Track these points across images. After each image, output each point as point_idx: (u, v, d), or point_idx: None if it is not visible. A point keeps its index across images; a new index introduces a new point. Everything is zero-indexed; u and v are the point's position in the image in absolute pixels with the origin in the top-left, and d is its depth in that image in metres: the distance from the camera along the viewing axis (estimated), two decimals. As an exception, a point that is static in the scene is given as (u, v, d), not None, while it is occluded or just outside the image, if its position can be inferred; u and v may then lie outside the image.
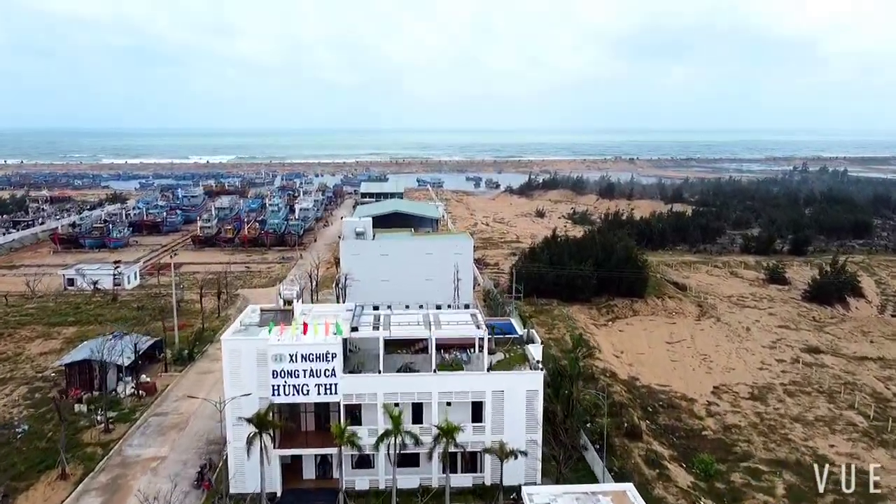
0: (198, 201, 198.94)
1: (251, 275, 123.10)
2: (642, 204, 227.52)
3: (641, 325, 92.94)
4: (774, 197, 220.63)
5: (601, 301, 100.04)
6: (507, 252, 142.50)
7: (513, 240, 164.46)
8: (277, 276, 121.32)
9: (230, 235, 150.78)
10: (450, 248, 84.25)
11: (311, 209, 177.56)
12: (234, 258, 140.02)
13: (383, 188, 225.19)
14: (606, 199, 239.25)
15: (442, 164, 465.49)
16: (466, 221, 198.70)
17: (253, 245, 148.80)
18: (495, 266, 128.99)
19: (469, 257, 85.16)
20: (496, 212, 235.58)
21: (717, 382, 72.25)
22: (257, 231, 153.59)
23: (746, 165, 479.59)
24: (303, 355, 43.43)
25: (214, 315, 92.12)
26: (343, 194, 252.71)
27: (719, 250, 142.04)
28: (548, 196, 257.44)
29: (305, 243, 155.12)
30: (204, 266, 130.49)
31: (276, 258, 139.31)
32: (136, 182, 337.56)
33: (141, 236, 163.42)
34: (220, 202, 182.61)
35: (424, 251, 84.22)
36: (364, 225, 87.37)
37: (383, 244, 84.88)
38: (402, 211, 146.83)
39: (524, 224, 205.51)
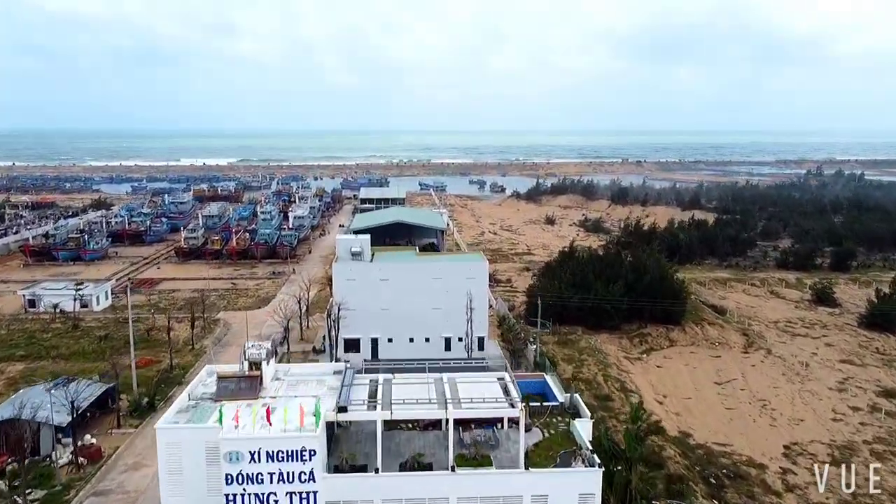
0: (186, 207, 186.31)
1: (237, 293, 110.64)
2: (658, 210, 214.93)
3: (681, 358, 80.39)
4: (799, 203, 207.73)
5: (632, 329, 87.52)
6: (519, 266, 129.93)
7: (524, 251, 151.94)
8: (266, 295, 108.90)
9: (217, 247, 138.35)
10: (461, 272, 71.78)
11: (307, 217, 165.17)
12: (220, 272, 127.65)
13: (384, 193, 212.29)
14: (619, 205, 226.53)
15: (444, 166, 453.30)
16: (472, 230, 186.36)
17: (242, 258, 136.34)
18: (507, 283, 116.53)
19: (484, 282, 72.70)
20: (503, 218, 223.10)
21: (786, 439, 59.71)
22: (247, 242, 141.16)
23: (757, 168, 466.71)
24: (269, 453, 31.17)
25: (188, 347, 79.64)
26: (342, 199, 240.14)
27: (752, 265, 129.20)
28: (557, 201, 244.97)
29: (299, 255, 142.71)
30: (186, 283, 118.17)
31: (266, 273, 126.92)
32: (129, 185, 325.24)
33: (122, 247, 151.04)
34: (209, 209, 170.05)
35: (432, 275, 71.76)
36: (361, 243, 74.90)
37: (383, 267, 72.42)
38: (404, 221, 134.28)
39: (534, 232, 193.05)
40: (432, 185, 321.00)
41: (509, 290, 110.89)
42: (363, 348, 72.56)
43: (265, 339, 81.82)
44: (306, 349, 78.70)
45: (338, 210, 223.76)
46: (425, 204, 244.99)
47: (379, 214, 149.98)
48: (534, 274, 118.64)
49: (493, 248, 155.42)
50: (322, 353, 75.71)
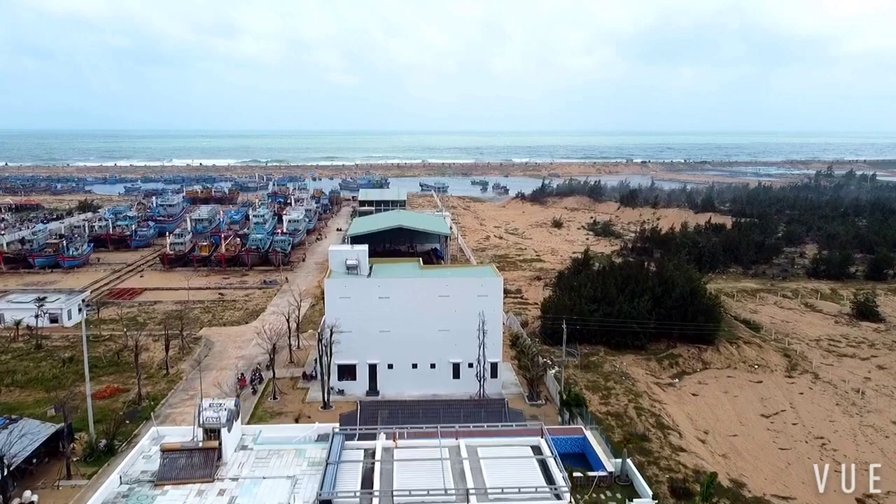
0: (176, 210, 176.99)
1: (223, 306, 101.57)
2: (669, 213, 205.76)
3: (718, 384, 71.36)
4: (817, 206, 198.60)
5: (661, 350, 78.45)
6: (529, 275, 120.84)
7: (532, 257, 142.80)
8: (255, 308, 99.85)
9: (205, 253, 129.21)
10: (472, 289, 62.74)
11: (302, 220, 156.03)
12: (207, 281, 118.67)
13: (384, 195, 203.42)
14: (629, 208, 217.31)
15: (446, 167, 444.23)
16: (476, 234, 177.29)
17: (232, 265, 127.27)
18: (517, 294, 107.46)
19: (498, 301, 63.60)
20: (508, 221, 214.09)
21: (856, 490, 50.64)
22: (237, 248, 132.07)
23: (764, 169, 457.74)
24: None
25: (161, 372, 70.57)
26: (340, 201, 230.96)
27: (780, 274, 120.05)
28: (563, 203, 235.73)
29: (294, 262, 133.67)
30: (170, 293, 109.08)
31: (257, 282, 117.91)
32: (122, 187, 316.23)
33: (106, 252, 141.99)
34: (198, 212, 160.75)
35: (438, 292, 62.71)
36: (357, 255, 65.88)
37: (383, 283, 63.33)
38: (406, 226, 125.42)
39: (541, 236, 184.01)
40: (433, 186, 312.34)
41: (520, 303, 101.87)
42: (360, 376, 63.59)
43: (250, 363, 73.00)
44: (295, 375, 69.66)
45: (336, 212, 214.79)
46: (427, 206, 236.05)
47: (379, 218, 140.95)
48: (546, 284, 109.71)
49: (499, 253, 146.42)
50: (313, 380, 66.73)
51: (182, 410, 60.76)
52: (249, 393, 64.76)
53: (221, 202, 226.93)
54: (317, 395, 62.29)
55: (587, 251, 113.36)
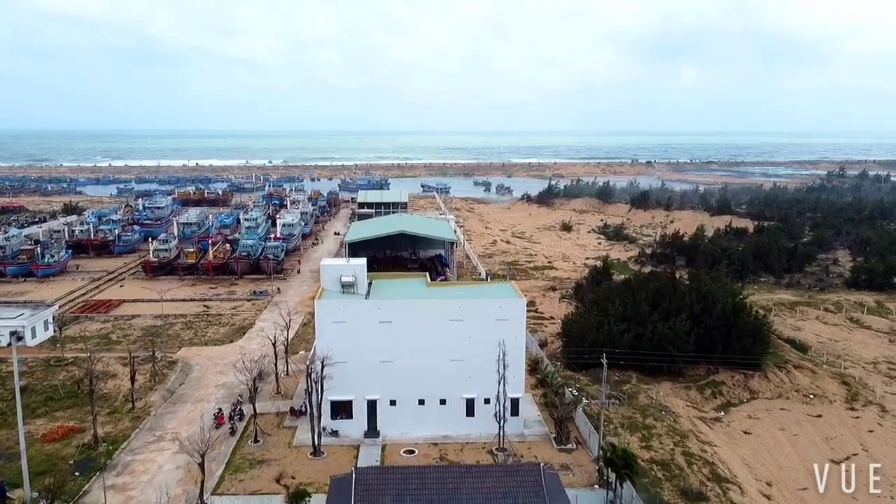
0: (164, 213, 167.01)
1: (207, 320, 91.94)
2: (683, 215, 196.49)
3: (772, 419, 61.78)
4: (840, 208, 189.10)
5: (700, 376, 68.89)
6: (542, 285, 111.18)
7: (544, 264, 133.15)
8: (243, 323, 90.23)
9: (191, 260, 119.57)
10: (490, 312, 53.13)
11: (298, 224, 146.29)
12: (192, 291, 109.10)
13: (384, 197, 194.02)
14: (640, 210, 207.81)
15: (447, 167, 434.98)
16: (482, 238, 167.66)
17: (220, 273, 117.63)
18: (531, 307, 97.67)
19: (520, 326, 53.91)
20: (514, 224, 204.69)
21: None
22: (226, 255, 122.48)
23: (773, 169, 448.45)
24: None
25: (126, 406, 60.88)
26: (339, 203, 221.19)
27: (816, 284, 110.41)
28: (571, 205, 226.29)
29: (288, 269, 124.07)
30: (150, 306, 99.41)
31: (246, 292, 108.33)
32: (115, 187, 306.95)
33: (87, 259, 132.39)
34: (186, 216, 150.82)
35: (450, 316, 53.08)
36: (354, 271, 56.25)
37: (385, 305, 53.63)
38: (409, 231, 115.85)
39: (550, 240, 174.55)
40: (435, 187, 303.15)
41: (535, 317, 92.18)
42: (356, 413, 53.91)
43: (230, 393, 63.14)
44: (282, 410, 59.94)
45: (334, 214, 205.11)
46: (429, 208, 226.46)
47: (379, 223, 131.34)
48: (562, 296, 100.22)
49: (507, 260, 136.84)
50: (303, 416, 57.09)
51: (145, 458, 51.12)
52: (227, 433, 55.16)
53: (215, 204, 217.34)
54: (306, 438, 52.67)
55: (606, 259, 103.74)
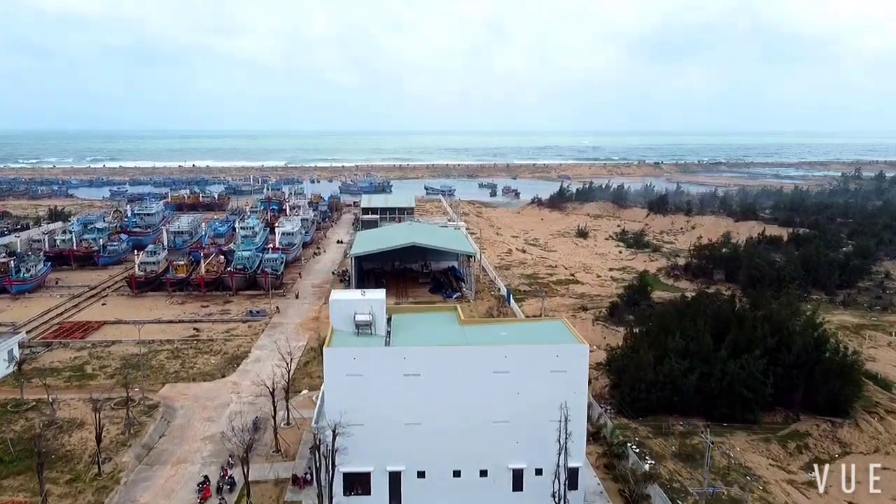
0: (155, 220, 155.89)
1: (197, 346, 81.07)
2: (705, 221, 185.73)
3: (885, 485, 50.70)
4: (873, 214, 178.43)
5: (778, 425, 58.09)
6: (570, 303, 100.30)
7: (566, 277, 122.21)
8: (237, 351, 79.35)
9: (182, 274, 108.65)
10: (543, 362, 42.36)
11: (298, 233, 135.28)
12: (182, 311, 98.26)
13: (389, 202, 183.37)
14: (659, 215, 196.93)
15: (450, 168, 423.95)
16: (495, 246, 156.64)
17: (213, 289, 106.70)
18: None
19: (582, 379, 43.08)
20: (526, 230, 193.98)
21: None
22: (220, 268, 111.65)
23: (783, 170, 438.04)
24: None
25: (92, 471, 49.92)
26: (340, 208, 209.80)
27: (876, 302, 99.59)
28: (585, 210, 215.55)
29: (288, 283, 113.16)
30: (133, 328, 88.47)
31: (242, 311, 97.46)
32: (108, 190, 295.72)
33: (69, 271, 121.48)
34: (177, 224, 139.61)
35: (492, 366, 42.31)
36: (370, 308, 45.46)
37: (412, 354, 42.70)
38: (421, 244, 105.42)
39: (566, 248, 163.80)
40: (440, 190, 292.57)
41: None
42: (376, 488, 43.06)
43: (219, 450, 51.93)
44: (282, 476, 48.89)
45: (336, 220, 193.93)
46: (435, 212, 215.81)
47: (387, 233, 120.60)
48: (596, 318, 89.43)
49: (526, 272, 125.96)
50: (308, 486, 46.28)
51: (108, 550, 40.31)
52: (214, 509, 44.40)
53: (210, 209, 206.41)
54: (312, 519, 41.85)
55: (644, 276, 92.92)
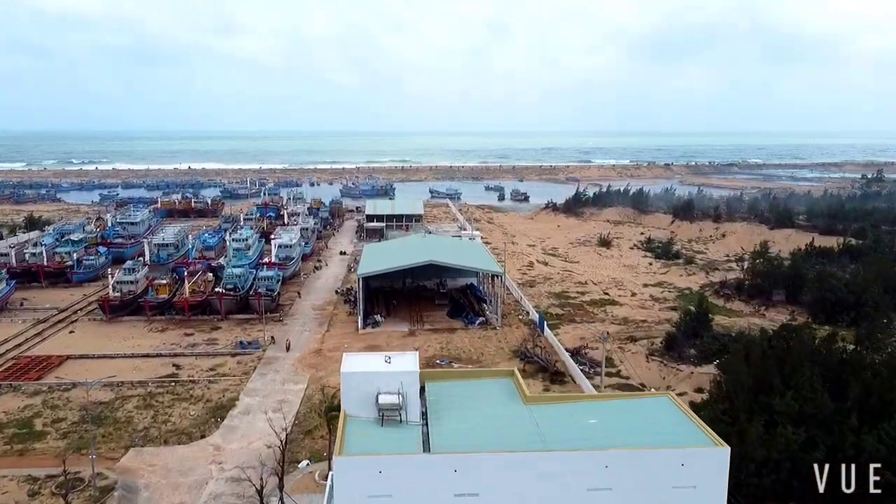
0: (139, 229, 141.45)
1: (174, 392, 67.17)
2: (736, 229, 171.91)
3: None
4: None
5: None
6: (615, 332, 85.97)
7: (601, 297, 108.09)
8: (221, 400, 65.44)
9: (164, 295, 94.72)
10: (662, 474, 28.37)
11: (297, 244, 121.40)
12: (162, 340, 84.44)
13: (395, 208, 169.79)
14: (685, 221, 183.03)
15: (454, 170, 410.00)
16: (513, 257, 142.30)
17: (199, 313, 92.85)
18: (611, 368, 73.04)
19: (720, 499, 29.02)
20: (542, 237, 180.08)
21: None
22: (207, 287, 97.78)
23: (797, 172, 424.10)
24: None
25: None
26: (342, 213, 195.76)
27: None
28: (603, 215, 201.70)
29: (285, 305, 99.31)
30: (102, 364, 74.59)
31: (231, 340, 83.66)
32: (98, 193, 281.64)
33: (39, 290, 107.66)
34: (162, 235, 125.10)
35: (584, 481, 28.28)
36: (399, 385, 31.55)
37: (464, 465, 28.59)
38: (440, 262, 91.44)
39: (589, 259, 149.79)
40: (445, 193, 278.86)
41: (623, 386, 67.43)
42: None
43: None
44: None
45: (338, 227, 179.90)
46: (443, 218, 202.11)
47: (398, 248, 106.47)
48: (651, 352, 75.45)
49: (553, 289, 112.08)
50: None
51: None
52: None
53: (203, 215, 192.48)
54: None
55: (703, 300, 78.88)
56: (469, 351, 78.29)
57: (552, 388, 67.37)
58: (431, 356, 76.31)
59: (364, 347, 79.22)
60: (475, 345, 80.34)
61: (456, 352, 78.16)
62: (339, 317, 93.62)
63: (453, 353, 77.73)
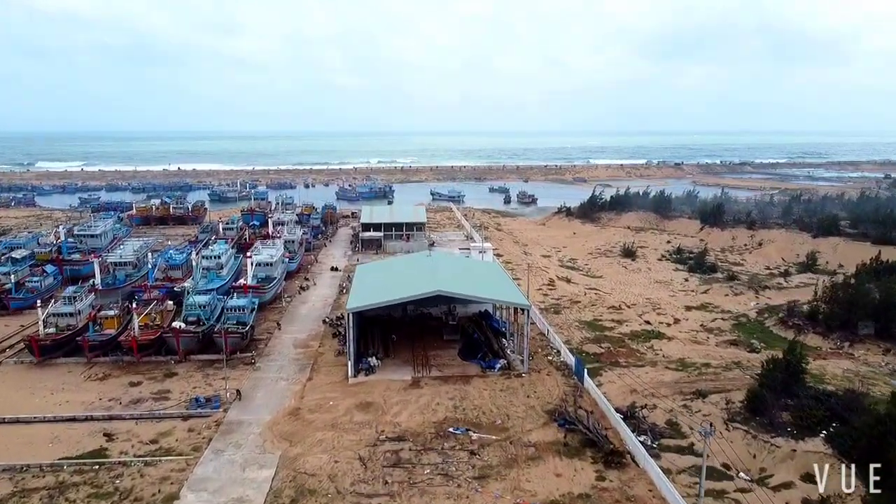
0: (100, 242, 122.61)
1: (94, 483, 49.31)
2: (774, 236, 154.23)
3: None
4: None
5: None
6: (669, 379, 68.10)
7: (644, 328, 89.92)
8: (155, 498, 47.57)
9: (111, 330, 76.73)
10: None
11: (278, 262, 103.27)
12: (98, 392, 66.55)
13: (395, 215, 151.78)
14: (716, 228, 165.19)
15: (455, 170, 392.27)
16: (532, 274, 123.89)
17: (152, 353, 74.95)
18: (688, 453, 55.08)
19: None
20: (557, 246, 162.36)
21: None
22: (166, 319, 79.78)
23: (813, 171, 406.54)
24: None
25: None
26: (336, 220, 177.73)
27: None
28: (622, 221, 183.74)
29: (259, 342, 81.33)
30: (17, 431, 56.87)
31: (187, 392, 65.81)
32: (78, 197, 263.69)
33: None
34: (118, 252, 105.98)
35: None
36: None
37: None
38: (449, 292, 73.34)
39: (614, 273, 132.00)
40: (447, 195, 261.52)
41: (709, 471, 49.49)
42: None
43: None
44: None
45: (331, 236, 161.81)
46: (447, 224, 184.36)
47: (399, 270, 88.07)
48: (730, 416, 57.49)
49: (583, 316, 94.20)
50: None
51: None
52: None
53: (182, 222, 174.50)
54: None
55: (795, 348, 60.90)
56: (490, 412, 60.51)
57: (607, 475, 49.60)
58: (442, 420, 58.62)
59: (355, 405, 61.54)
60: (497, 401, 62.53)
61: (473, 412, 60.38)
62: (325, 357, 75.80)
63: (470, 414, 59.94)
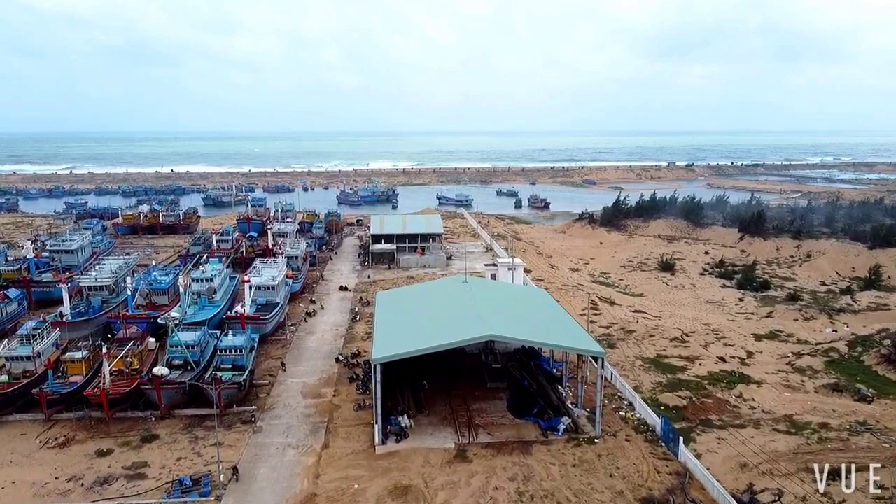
0: (76, 259, 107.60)
1: None
2: (825, 248, 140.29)
3: None
4: None
5: None
6: (787, 443, 53.81)
7: (722, 370, 75.59)
8: None
9: (77, 377, 61.85)
10: None
11: (280, 284, 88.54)
12: (55, 466, 51.74)
13: (408, 225, 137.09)
14: (758, 238, 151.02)
15: (460, 172, 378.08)
16: (569, 295, 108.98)
17: (129, 407, 60.16)
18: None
19: None
20: (583, 257, 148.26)
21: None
22: (147, 361, 64.90)
23: (829, 172, 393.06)
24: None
25: None
26: (341, 229, 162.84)
27: None
28: (651, 229, 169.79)
29: (260, 388, 66.67)
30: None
31: (167, 471, 51.03)
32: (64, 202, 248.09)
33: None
34: (96, 274, 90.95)
35: None
36: None
37: None
38: (503, 337, 58.14)
39: (655, 289, 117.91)
40: (455, 199, 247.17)
41: None
42: None
43: None
44: None
45: (336, 246, 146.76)
46: (461, 233, 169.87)
47: (433, 301, 73.42)
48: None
49: (644, 351, 79.63)
50: None
51: None
52: None
53: (173, 231, 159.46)
54: None
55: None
56: (567, 499, 45.94)
57: None
58: (505, 514, 44.04)
59: (388, 490, 46.87)
60: (572, 483, 47.93)
61: (545, 502, 45.81)
62: (342, 412, 61.07)
63: None
